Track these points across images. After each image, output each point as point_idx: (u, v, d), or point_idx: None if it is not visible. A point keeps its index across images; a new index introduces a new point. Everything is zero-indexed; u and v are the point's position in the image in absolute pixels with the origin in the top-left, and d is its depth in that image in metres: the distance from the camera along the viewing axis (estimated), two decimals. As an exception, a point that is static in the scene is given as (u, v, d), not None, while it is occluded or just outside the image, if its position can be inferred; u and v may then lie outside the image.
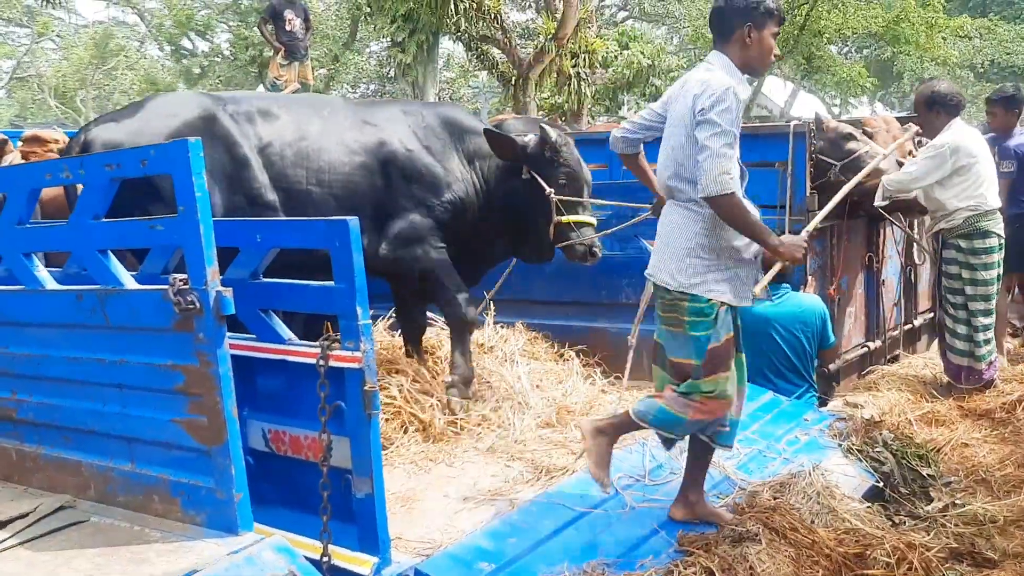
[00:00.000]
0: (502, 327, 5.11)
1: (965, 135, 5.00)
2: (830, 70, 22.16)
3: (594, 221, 4.30)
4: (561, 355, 4.91)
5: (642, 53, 20.45)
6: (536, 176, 4.16)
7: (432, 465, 3.62)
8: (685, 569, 2.84)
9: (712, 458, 3.42)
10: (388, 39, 22.15)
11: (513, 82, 18.63)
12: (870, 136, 5.39)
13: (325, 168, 4.07)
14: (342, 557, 2.67)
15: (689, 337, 3.09)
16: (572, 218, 4.15)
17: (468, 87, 33.58)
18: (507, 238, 4.45)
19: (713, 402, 3.11)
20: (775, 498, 3.35)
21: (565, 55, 18.11)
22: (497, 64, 19.29)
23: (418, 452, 3.74)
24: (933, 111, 5.11)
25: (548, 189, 4.13)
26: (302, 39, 10.14)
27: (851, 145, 5.12)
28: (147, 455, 2.65)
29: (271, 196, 3.98)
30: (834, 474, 3.73)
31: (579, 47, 18.37)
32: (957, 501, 3.91)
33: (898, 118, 6.20)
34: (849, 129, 5.27)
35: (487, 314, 5.08)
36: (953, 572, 3.34)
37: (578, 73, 18.79)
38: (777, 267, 3.40)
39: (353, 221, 2.61)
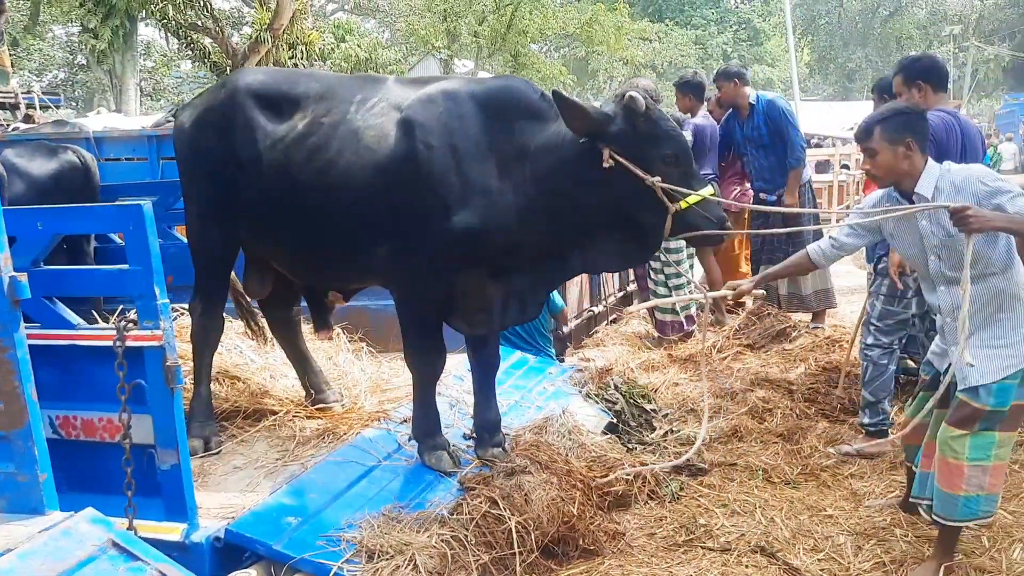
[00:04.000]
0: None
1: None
2: (534, 67, 23.75)
3: (711, 189, 3.32)
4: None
5: (359, 46, 20.66)
6: (626, 162, 3.13)
7: (220, 440, 3.72)
8: (472, 501, 3.24)
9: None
10: (78, 24, 20.41)
11: (228, 73, 18.02)
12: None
13: (332, 167, 3.41)
14: (150, 528, 2.76)
15: None
16: (695, 196, 3.18)
17: (171, 77, 31.78)
18: (587, 249, 3.42)
19: None
20: (536, 438, 3.85)
21: (282, 46, 17.85)
22: (209, 54, 18.55)
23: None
24: None
25: (649, 179, 3.13)
26: (-6, 21, 9.27)
27: None
28: (-59, 445, 2.57)
29: (276, 199, 3.55)
30: (578, 415, 4.31)
31: (295, 38, 18.18)
32: (673, 428, 4.70)
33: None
34: None
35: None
36: (676, 482, 4.07)
37: (295, 65, 18.60)
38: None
39: (147, 205, 2.71)
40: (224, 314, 3.96)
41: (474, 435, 3.92)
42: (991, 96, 44.49)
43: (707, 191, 3.23)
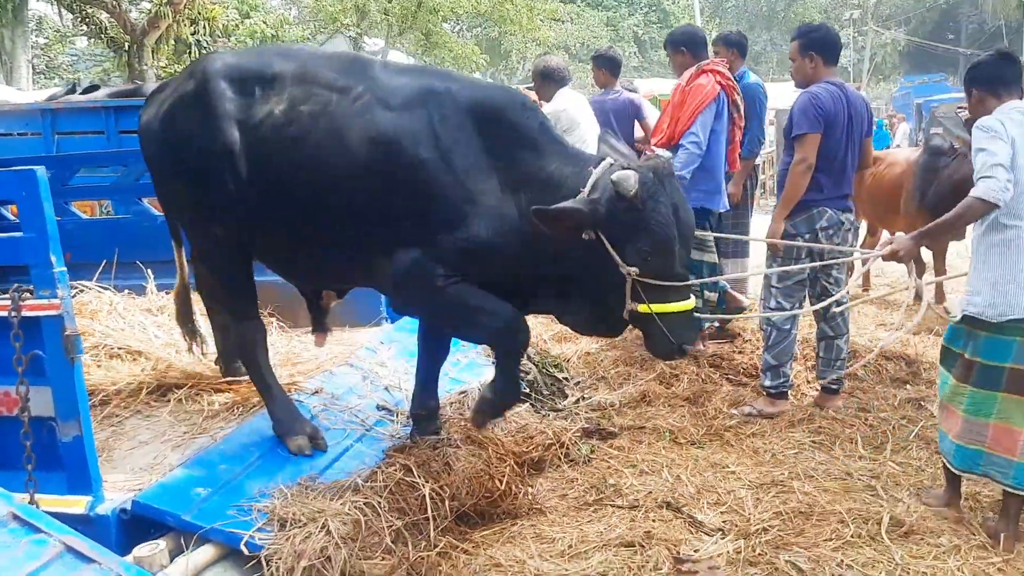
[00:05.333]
0: (166, 293, 5.08)
1: (569, 101, 5.94)
2: (446, 46, 23.61)
3: (691, 304, 3.09)
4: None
5: (264, 22, 20.19)
6: (606, 242, 2.93)
7: (123, 418, 3.64)
8: (387, 468, 3.25)
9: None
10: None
11: (127, 49, 17.38)
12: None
13: (314, 163, 3.13)
14: (53, 502, 2.71)
15: None
16: (659, 308, 2.97)
17: (66, 54, 30.42)
18: (559, 302, 3.28)
19: None
20: (458, 411, 3.89)
21: (183, 22, 17.31)
22: (106, 29, 17.84)
23: (105, 412, 3.71)
24: (546, 82, 6.01)
25: (626, 269, 2.94)
26: None
27: None
28: None
29: (248, 190, 3.22)
30: (493, 385, 4.37)
31: (197, 13, 17.66)
32: (585, 395, 4.80)
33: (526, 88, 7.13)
34: None
35: (149, 280, 5.00)
36: (587, 445, 4.17)
37: (198, 41, 18.07)
38: None
39: (40, 170, 2.63)
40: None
41: (388, 407, 3.94)
42: (888, 79, 46.25)
43: (683, 305, 3.00)
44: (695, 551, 3.25)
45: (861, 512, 3.52)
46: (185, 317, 4.00)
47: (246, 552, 2.73)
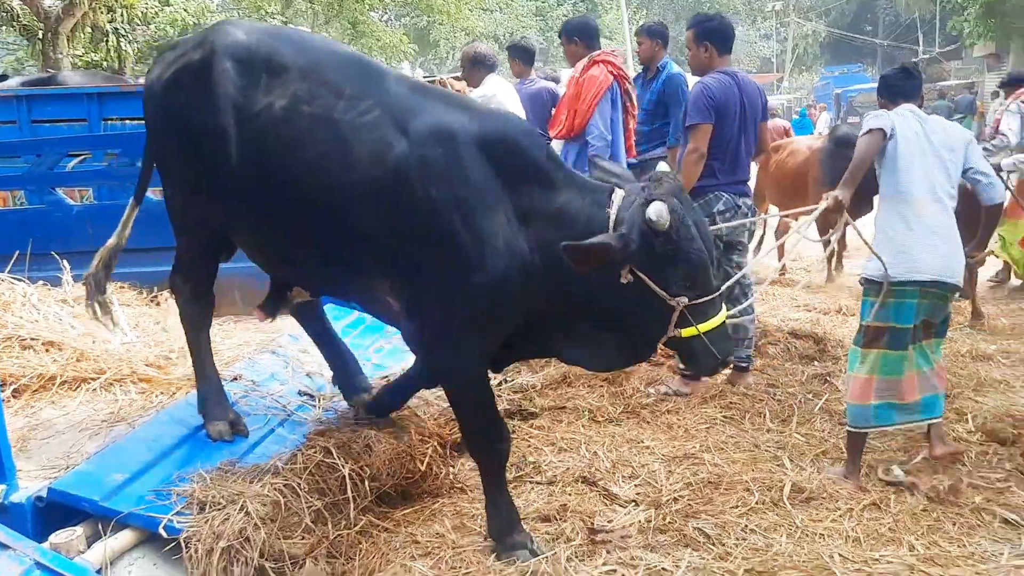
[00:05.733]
0: (83, 284, 5.01)
1: (498, 87, 6.03)
2: (373, 35, 23.41)
3: (725, 313, 3.00)
4: (155, 300, 5.00)
5: (186, 10, 19.73)
6: (644, 277, 2.80)
7: (37, 408, 3.61)
8: (307, 451, 3.30)
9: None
10: None
11: (41, 37, 16.82)
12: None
13: (309, 169, 2.97)
14: (-37, 494, 2.69)
15: None
16: (704, 327, 2.88)
17: (-24, 43, 29.26)
18: (568, 340, 3.06)
19: None
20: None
21: (100, 9, 16.82)
22: (18, 16, 17.22)
23: (20, 403, 3.68)
24: (475, 68, 6.10)
25: (672, 300, 2.82)
26: None
27: None
28: None
29: (235, 177, 3.10)
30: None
31: (115, 1, 17.19)
32: (507, 378, 4.90)
33: (454, 77, 7.21)
34: None
35: (65, 271, 4.93)
36: (508, 424, 4.27)
37: (116, 29, 17.59)
38: None
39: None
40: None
41: (309, 393, 3.98)
42: (810, 70, 47.49)
43: (721, 317, 2.94)
44: (609, 522, 3.38)
45: (766, 480, 3.71)
46: (99, 281, 3.78)
47: (165, 535, 2.75)
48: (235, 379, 3.87)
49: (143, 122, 3.96)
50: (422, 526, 3.33)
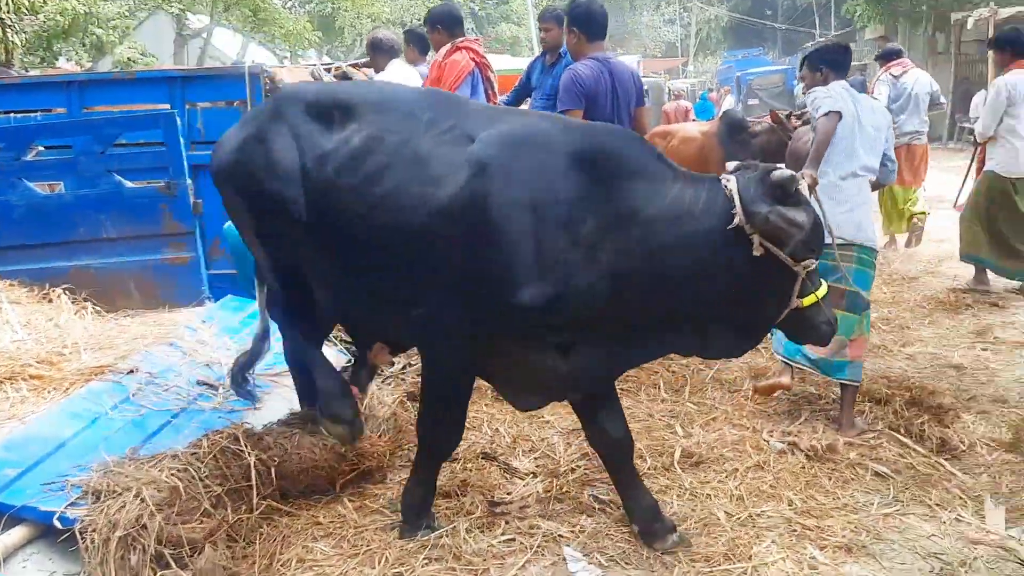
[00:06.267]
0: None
1: (401, 73, 6.07)
2: (276, 23, 22.98)
3: (826, 287, 2.99)
4: (47, 297, 4.88)
5: (77, 0, 19.03)
6: (775, 249, 2.74)
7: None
8: (213, 436, 3.29)
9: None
10: None
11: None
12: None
13: (385, 201, 2.84)
14: None
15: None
16: (819, 293, 2.91)
17: None
18: (681, 332, 2.95)
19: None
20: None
21: (-20, -1, 16.10)
22: None
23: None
24: (378, 54, 6.14)
25: (796, 266, 2.79)
26: None
27: None
28: None
29: (314, 220, 2.97)
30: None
31: (-3, -11, 16.44)
32: (411, 362, 4.97)
33: (355, 63, 7.21)
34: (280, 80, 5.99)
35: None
36: (412, 406, 4.35)
37: (2, 19, 16.86)
38: None
39: None
40: None
41: (209, 383, 3.98)
42: (714, 54, 48.59)
43: (824, 289, 2.96)
44: (508, 494, 3.50)
45: (659, 447, 3.89)
46: None
47: (60, 527, 2.74)
48: (131, 372, 3.84)
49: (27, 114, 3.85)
50: (324, 508, 3.38)
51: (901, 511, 3.37)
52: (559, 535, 3.20)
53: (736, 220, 2.72)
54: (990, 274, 6.81)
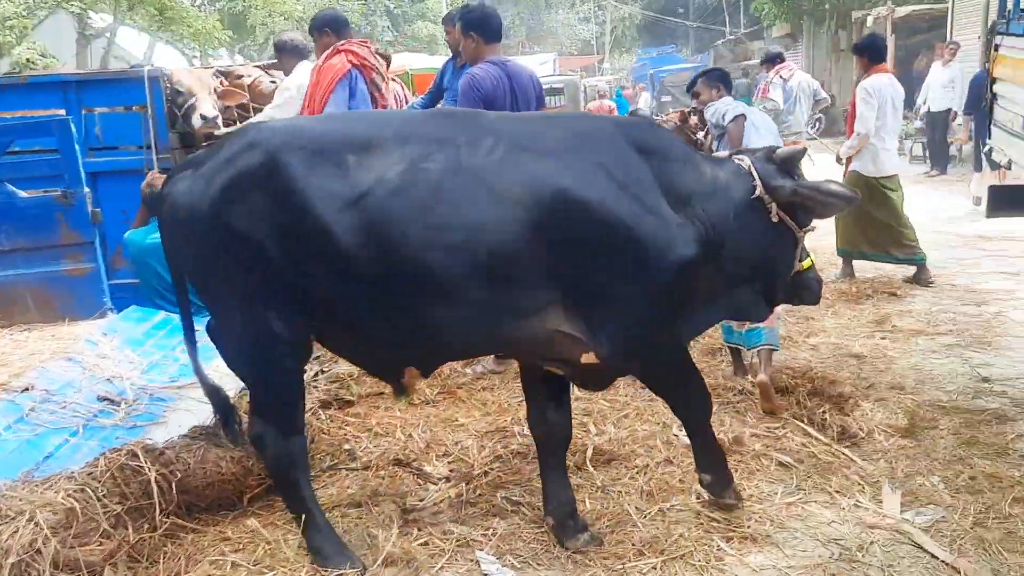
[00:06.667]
0: None
1: (309, 74, 5.99)
2: (184, 22, 22.32)
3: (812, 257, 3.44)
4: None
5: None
6: (783, 216, 3.14)
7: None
8: (111, 455, 3.17)
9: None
10: None
11: None
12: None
13: (452, 224, 2.73)
14: None
15: None
16: (808, 261, 3.35)
17: None
18: (733, 296, 3.24)
19: None
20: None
21: None
22: None
23: None
24: (286, 55, 6.04)
25: (799, 231, 3.20)
26: None
27: (182, 98, 5.77)
28: None
29: (365, 268, 2.72)
30: (223, 370, 4.36)
31: None
32: (324, 368, 4.92)
33: (261, 64, 7.07)
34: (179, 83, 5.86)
35: None
36: (325, 416, 4.30)
37: None
38: None
39: None
40: None
41: (110, 398, 3.86)
42: (630, 51, 49.28)
43: (810, 259, 3.37)
44: (420, 500, 3.49)
45: (571, 445, 3.91)
46: None
47: (-54, 558, 2.62)
48: (26, 390, 3.69)
49: None
50: (232, 522, 3.32)
51: (803, 499, 3.49)
52: (472, 539, 3.21)
53: (757, 191, 3.09)
54: (887, 265, 7.12)
